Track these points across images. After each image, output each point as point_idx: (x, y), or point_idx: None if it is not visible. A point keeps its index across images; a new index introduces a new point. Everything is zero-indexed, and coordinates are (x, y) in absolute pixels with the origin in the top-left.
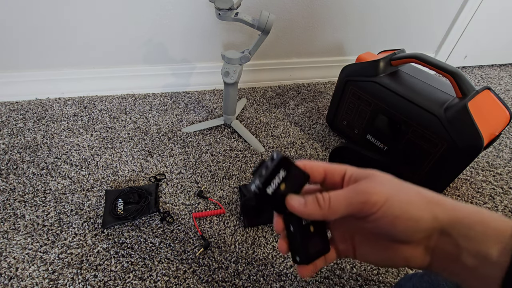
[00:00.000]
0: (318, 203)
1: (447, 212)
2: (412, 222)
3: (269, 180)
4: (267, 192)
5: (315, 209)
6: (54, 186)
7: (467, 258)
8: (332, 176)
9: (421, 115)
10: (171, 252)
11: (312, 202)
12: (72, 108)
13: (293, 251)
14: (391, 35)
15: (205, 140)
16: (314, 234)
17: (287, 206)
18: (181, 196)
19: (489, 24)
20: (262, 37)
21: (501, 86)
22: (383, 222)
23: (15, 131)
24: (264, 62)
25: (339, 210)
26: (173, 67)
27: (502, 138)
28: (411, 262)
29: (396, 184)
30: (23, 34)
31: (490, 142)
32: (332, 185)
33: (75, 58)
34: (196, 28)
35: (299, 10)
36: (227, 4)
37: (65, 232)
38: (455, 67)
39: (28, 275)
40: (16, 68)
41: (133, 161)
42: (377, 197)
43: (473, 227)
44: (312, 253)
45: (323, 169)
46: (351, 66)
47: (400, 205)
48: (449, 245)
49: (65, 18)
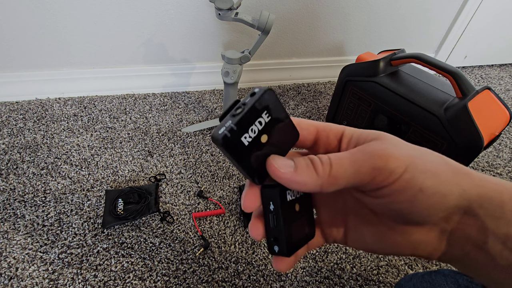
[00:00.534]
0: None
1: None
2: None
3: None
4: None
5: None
6: (54, 186)
7: (494, 245)
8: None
9: (421, 115)
10: (171, 252)
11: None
12: (72, 108)
13: (270, 238)
14: (391, 35)
15: (205, 140)
16: (299, 214)
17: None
18: (181, 196)
19: (489, 24)
20: (262, 37)
21: (501, 86)
22: (400, 197)
23: (15, 131)
24: (264, 62)
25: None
26: (173, 67)
27: (502, 138)
28: (419, 249)
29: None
30: (23, 34)
31: (490, 142)
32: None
33: (75, 58)
34: (196, 28)
35: (299, 10)
36: (227, 4)
37: (65, 232)
38: (455, 67)
39: (28, 275)
40: (16, 68)
41: (133, 161)
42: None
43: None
44: (295, 241)
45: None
46: (351, 66)
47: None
48: (473, 228)
49: (65, 18)
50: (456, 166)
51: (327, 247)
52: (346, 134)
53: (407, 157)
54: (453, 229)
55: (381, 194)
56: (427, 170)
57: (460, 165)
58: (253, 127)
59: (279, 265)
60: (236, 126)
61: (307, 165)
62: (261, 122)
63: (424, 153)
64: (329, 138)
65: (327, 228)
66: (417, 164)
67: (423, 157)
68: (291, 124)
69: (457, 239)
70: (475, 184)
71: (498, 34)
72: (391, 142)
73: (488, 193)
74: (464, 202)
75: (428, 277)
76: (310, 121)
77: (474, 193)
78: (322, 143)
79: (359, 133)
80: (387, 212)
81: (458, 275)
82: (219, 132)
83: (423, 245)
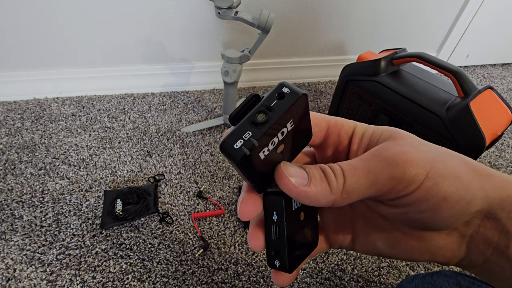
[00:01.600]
0: (328, 181)
1: (498, 188)
2: (462, 205)
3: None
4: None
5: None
6: (52, 186)
7: None
8: (337, 135)
9: (423, 114)
10: (170, 253)
11: (320, 179)
12: (70, 107)
13: (271, 252)
14: (392, 34)
15: (205, 140)
16: (303, 223)
17: (279, 181)
18: (180, 196)
19: (491, 23)
20: (262, 36)
21: (504, 86)
22: (422, 207)
23: (13, 131)
24: (264, 62)
25: (358, 193)
26: (172, 66)
27: (504, 138)
28: (438, 256)
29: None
30: (21, 33)
31: (492, 142)
32: (334, 148)
33: (74, 58)
34: (196, 27)
35: (299, 9)
36: (226, 3)
37: (63, 233)
38: (457, 67)
39: (26, 276)
40: (14, 67)
41: (132, 161)
42: (415, 169)
43: None
44: (298, 255)
45: (326, 123)
46: (352, 66)
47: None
48: (494, 232)
49: (63, 17)
50: (478, 167)
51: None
52: (357, 132)
53: (427, 161)
54: (473, 234)
55: (400, 204)
56: (449, 175)
57: (481, 165)
58: (275, 139)
59: (279, 281)
60: (258, 142)
61: (320, 177)
62: (283, 132)
63: (444, 155)
64: (340, 135)
65: (333, 234)
66: (438, 169)
67: (443, 160)
68: (309, 125)
69: (478, 243)
70: (497, 185)
71: (501, 33)
72: (407, 142)
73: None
74: (486, 206)
75: (430, 278)
76: (321, 115)
77: (497, 195)
78: (332, 141)
79: (372, 131)
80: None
81: (460, 276)
82: (235, 146)
83: (442, 251)
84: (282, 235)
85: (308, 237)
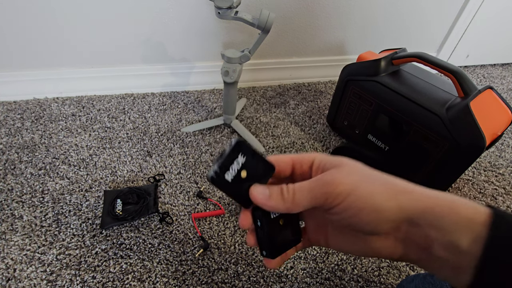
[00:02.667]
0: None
1: (415, 201)
2: (376, 214)
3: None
4: (226, 179)
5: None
6: (52, 186)
7: (438, 249)
8: (301, 166)
9: (423, 114)
10: (170, 253)
11: (276, 194)
12: (70, 107)
13: (260, 245)
14: (392, 34)
15: (205, 140)
16: (283, 227)
17: (251, 197)
18: (180, 196)
19: (491, 23)
20: (262, 36)
21: (504, 86)
22: (347, 214)
23: (13, 131)
24: (264, 61)
25: (303, 203)
26: (172, 66)
27: (504, 138)
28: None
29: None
30: (21, 33)
31: (493, 142)
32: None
33: (73, 57)
34: (196, 27)
35: (299, 9)
36: (226, 3)
37: (63, 233)
38: (457, 66)
39: (26, 276)
40: (14, 67)
41: (132, 161)
42: (342, 188)
43: (444, 217)
44: (279, 246)
45: (290, 160)
46: (352, 66)
47: (365, 196)
48: (419, 236)
49: (63, 17)
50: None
51: (328, 249)
52: (315, 162)
53: (353, 183)
54: (405, 237)
55: (334, 212)
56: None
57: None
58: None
59: (268, 264)
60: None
61: (277, 193)
62: (238, 162)
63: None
64: (303, 167)
65: (312, 235)
66: (359, 188)
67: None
68: (265, 161)
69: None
70: (415, 199)
71: (501, 33)
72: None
73: (428, 206)
74: (404, 215)
75: (430, 278)
76: (286, 155)
77: (414, 207)
78: (298, 171)
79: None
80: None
81: None
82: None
83: (383, 249)
84: (266, 235)
85: (289, 235)
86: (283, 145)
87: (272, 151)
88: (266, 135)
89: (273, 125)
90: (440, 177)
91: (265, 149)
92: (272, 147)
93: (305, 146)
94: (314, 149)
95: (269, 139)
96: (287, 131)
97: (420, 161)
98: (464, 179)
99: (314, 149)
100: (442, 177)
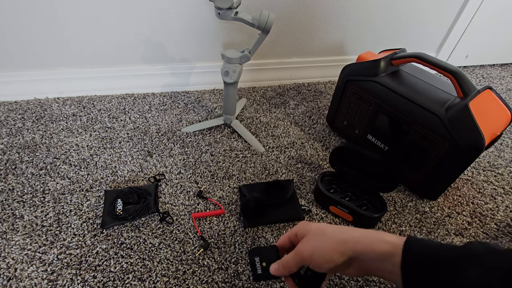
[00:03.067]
0: (282, 266)
1: (350, 248)
2: (330, 264)
3: (253, 267)
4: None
5: (282, 270)
6: (53, 186)
7: (376, 271)
8: (295, 237)
9: (422, 115)
10: (170, 253)
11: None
12: (71, 107)
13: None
14: (391, 34)
15: (205, 140)
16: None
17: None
18: (180, 196)
19: (491, 24)
20: (262, 36)
21: (503, 86)
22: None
23: (14, 131)
24: (264, 62)
25: (293, 267)
26: (173, 66)
27: (503, 138)
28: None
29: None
30: (22, 33)
31: (492, 142)
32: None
33: (74, 58)
34: (196, 27)
35: (299, 9)
36: (227, 3)
37: (64, 232)
38: (456, 67)
39: (27, 276)
40: (15, 67)
41: (132, 161)
42: (306, 254)
43: (369, 254)
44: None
45: (288, 237)
46: (351, 66)
47: (320, 255)
48: (362, 264)
49: (63, 17)
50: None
51: None
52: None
53: (311, 248)
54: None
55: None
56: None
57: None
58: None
59: None
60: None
61: (279, 265)
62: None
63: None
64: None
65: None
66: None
67: (321, 244)
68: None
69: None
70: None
71: (500, 34)
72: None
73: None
74: (346, 258)
75: None
76: (284, 236)
77: (351, 252)
78: (295, 242)
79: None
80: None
81: None
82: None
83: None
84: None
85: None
86: (283, 145)
87: (272, 151)
88: (266, 135)
89: (273, 125)
90: (439, 177)
91: (265, 149)
92: (272, 147)
93: (305, 146)
94: (314, 149)
95: (269, 139)
96: (287, 131)
97: (419, 161)
98: (463, 179)
99: (314, 149)
100: (442, 177)
